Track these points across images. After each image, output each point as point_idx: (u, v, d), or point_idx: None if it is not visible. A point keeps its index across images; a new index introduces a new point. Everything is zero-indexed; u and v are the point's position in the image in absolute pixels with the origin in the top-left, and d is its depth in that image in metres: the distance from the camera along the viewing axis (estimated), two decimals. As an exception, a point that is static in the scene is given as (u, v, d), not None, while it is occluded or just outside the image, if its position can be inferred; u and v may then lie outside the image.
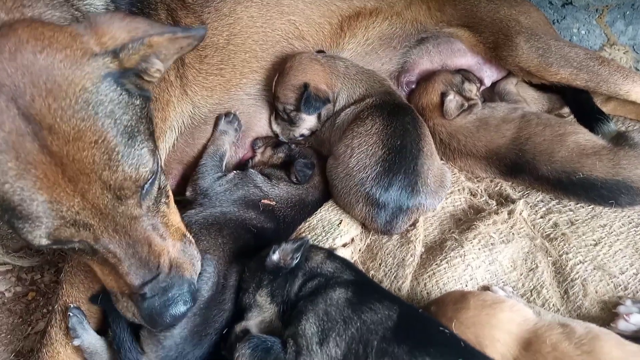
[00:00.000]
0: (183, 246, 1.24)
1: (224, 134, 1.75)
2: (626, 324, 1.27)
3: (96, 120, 0.99)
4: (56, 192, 0.99)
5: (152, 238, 1.14)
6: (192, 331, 1.30)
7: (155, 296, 1.15)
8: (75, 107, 0.97)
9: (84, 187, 1.00)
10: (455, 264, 1.50)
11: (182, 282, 1.19)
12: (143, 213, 1.11)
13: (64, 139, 0.96)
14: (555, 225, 1.62)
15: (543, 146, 1.68)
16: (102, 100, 1.00)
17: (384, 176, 1.56)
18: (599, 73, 1.86)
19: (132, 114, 1.06)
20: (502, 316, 1.17)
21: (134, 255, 1.12)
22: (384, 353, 1.05)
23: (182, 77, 1.75)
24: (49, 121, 0.95)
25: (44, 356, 1.40)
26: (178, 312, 1.17)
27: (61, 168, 0.98)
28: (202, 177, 1.63)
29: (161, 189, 1.19)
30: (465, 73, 2.01)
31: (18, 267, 1.90)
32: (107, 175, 1.01)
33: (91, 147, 0.98)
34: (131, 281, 1.13)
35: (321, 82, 1.81)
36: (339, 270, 1.28)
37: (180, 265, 1.21)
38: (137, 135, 1.06)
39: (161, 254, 1.16)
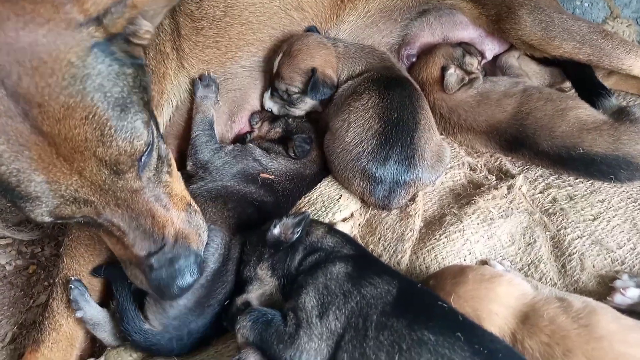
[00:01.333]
0: (188, 216, 1.24)
1: (205, 99, 1.70)
2: (622, 298, 1.28)
3: (85, 95, 0.96)
4: (52, 172, 0.98)
5: (154, 210, 1.13)
6: (197, 302, 1.32)
7: (162, 267, 1.15)
8: (62, 84, 0.94)
9: (80, 165, 0.99)
10: (454, 239, 1.51)
11: (189, 253, 1.19)
12: (144, 185, 1.11)
13: (54, 118, 0.94)
14: (554, 200, 1.62)
15: (544, 121, 1.67)
16: (90, 74, 0.97)
17: (380, 150, 1.56)
18: (602, 47, 1.84)
19: (124, 85, 1.03)
20: (500, 290, 1.18)
21: (138, 228, 1.11)
22: (383, 327, 1.07)
23: (179, 50, 1.72)
24: (38, 100, 0.93)
25: (46, 328, 1.42)
26: (185, 283, 1.18)
27: (55, 148, 0.96)
28: (199, 150, 1.62)
29: (161, 158, 1.18)
30: (467, 46, 1.98)
31: (18, 240, 1.90)
32: (102, 152, 0.99)
33: (82, 124, 0.96)
34: (137, 252, 1.13)
35: (328, 68, 1.79)
36: (339, 245, 1.28)
37: (187, 236, 1.20)
38: (130, 107, 1.03)
39: (165, 225, 1.15)
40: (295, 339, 1.11)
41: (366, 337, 1.07)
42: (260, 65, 1.87)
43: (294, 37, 1.83)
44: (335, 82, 1.81)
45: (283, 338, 1.12)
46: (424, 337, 1.03)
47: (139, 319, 1.31)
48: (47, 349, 1.40)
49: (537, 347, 1.08)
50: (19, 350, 1.60)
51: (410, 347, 1.02)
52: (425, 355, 1.01)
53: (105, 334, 1.40)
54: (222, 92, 1.81)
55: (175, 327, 1.30)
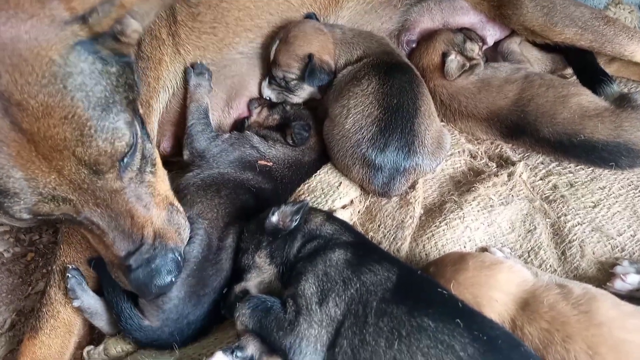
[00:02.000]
0: (169, 215, 1.23)
1: (198, 87, 1.68)
2: (622, 284, 1.28)
3: (65, 94, 0.94)
4: (31, 169, 0.96)
5: (134, 210, 1.12)
6: (189, 292, 1.31)
7: (140, 267, 1.14)
8: (42, 82, 0.92)
9: (58, 164, 0.98)
10: (454, 226, 1.50)
11: (166, 252, 1.18)
12: (124, 185, 1.09)
13: (33, 116, 0.92)
14: (554, 187, 1.62)
15: (545, 107, 1.65)
16: (71, 73, 0.95)
17: (379, 137, 1.54)
18: (604, 33, 1.82)
19: (107, 84, 1.01)
20: (500, 277, 1.17)
21: (117, 228, 1.11)
22: (383, 313, 1.06)
23: (175, 35, 1.69)
24: (17, 97, 0.91)
25: (44, 316, 1.41)
26: (163, 282, 1.18)
27: (34, 145, 0.95)
28: (195, 139, 1.60)
29: (146, 158, 1.16)
30: (468, 32, 1.95)
31: (16, 227, 1.90)
32: (81, 152, 0.97)
33: (62, 124, 0.94)
34: (117, 252, 1.13)
35: (325, 54, 1.77)
36: (338, 232, 1.28)
37: (164, 235, 1.19)
38: (112, 107, 1.01)
39: (144, 225, 1.15)
40: (295, 325, 1.11)
41: (366, 323, 1.06)
42: (258, 51, 1.85)
43: (290, 24, 1.81)
44: (333, 68, 1.80)
45: (283, 325, 1.12)
46: (423, 323, 1.03)
47: (137, 316, 1.30)
48: (45, 335, 1.40)
49: (536, 333, 1.08)
50: (18, 337, 1.60)
51: (409, 333, 1.02)
52: (425, 342, 1.00)
53: (103, 323, 1.40)
54: (220, 78, 1.79)
55: (174, 320, 1.30)
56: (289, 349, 1.10)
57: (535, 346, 1.06)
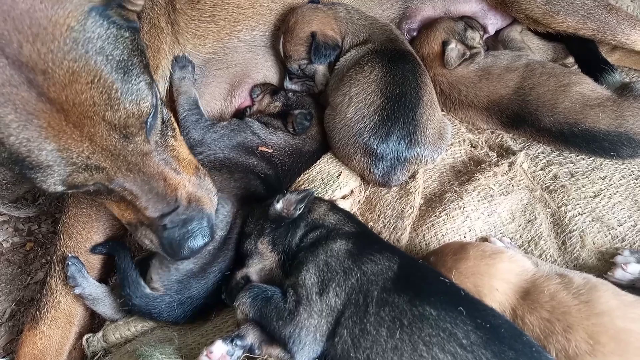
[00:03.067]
0: (199, 180, 1.24)
1: (182, 80, 1.66)
2: (623, 273, 1.28)
3: (88, 59, 0.94)
4: (63, 139, 0.96)
5: (166, 172, 1.13)
6: (200, 266, 1.32)
7: (176, 227, 1.15)
8: (65, 49, 0.92)
9: (90, 131, 0.98)
10: (454, 216, 1.50)
11: (202, 216, 1.19)
12: (152, 148, 1.10)
13: (60, 84, 0.92)
14: (555, 177, 1.61)
15: (546, 97, 1.65)
16: (91, 38, 0.95)
17: (382, 126, 1.53)
18: (606, 22, 1.81)
19: (123, 48, 1.01)
20: (501, 266, 1.17)
21: (151, 191, 1.11)
22: (384, 303, 1.06)
23: (174, 24, 1.67)
24: (42, 67, 0.91)
25: (44, 306, 1.42)
26: (196, 245, 1.18)
27: (63, 114, 0.95)
28: (191, 129, 1.59)
29: (165, 122, 1.17)
30: (469, 20, 1.94)
31: (15, 217, 1.89)
32: (110, 115, 0.98)
33: (89, 89, 0.95)
34: (150, 214, 1.14)
35: (328, 29, 1.77)
36: (340, 222, 1.27)
37: (199, 199, 1.20)
38: (132, 69, 1.02)
39: (177, 187, 1.16)
40: (295, 315, 1.11)
41: (367, 313, 1.06)
42: (260, 39, 1.84)
43: (288, 14, 1.81)
44: (339, 41, 1.79)
45: (283, 314, 1.12)
46: (425, 312, 1.03)
47: (140, 284, 1.31)
48: (45, 326, 1.41)
49: (537, 322, 1.08)
50: (18, 327, 1.61)
51: (411, 322, 1.02)
52: (427, 330, 1.00)
53: (106, 308, 1.40)
54: (222, 67, 1.77)
55: (177, 290, 1.31)
56: (289, 338, 1.10)
57: (536, 336, 1.07)
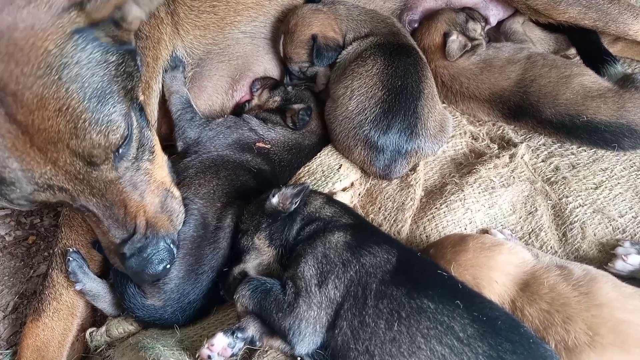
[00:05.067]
0: (162, 202, 1.24)
1: (174, 79, 1.65)
2: (623, 264, 1.28)
3: (60, 86, 0.93)
4: (26, 161, 0.96)
5: (128, 200, 1.13)
6: (188, 270, 1.32)
7: (133, 256, 1.16)
8: (37, 73, 0.91)
9: (53, 156, 0.97)
10: (455, 208, 1.50)
11: (157, 241, 1.19)
12: (120, 175, 1.10)
13: (28, 108, 0.91)
14: (556, 169, 1.61)
15: (548, 88, 1.64)
16: (67, 63, 0.93)
17: (383, 118, 1.53)
18: (608, 12, 1.79)
19: (104, 74, 0.99)
20: (500, 258, 1.17)
21: (111, 217, 1.12)
22: (383, 295, 1.07)
23: (173, 14, 1.66)
24: (12, 88, 0.90)
25: (47, 298, 1.42)
26: (155, 270, 1.19)
27: (28, 137, 0.94)
28: (186, 128, 1.58)
29: (144, 146, 1.16)
30: (470, 11, 1.93)
31: (17, 211, 1.90)
32: (75, 144, 0.97)
33: (56, 116, 0.93)
34: (112, 239, 1.15)
35: (329, 30, 1.76)
36: (337, 215, 1.27)
37: (155, 224, 1.20)
38: (108, 98, 1.00)
39: (137, 215, 1.16)
40: (295, 307, 1.12)
41: (365, 305, 1.07)
42: (261, 30, 1.83)
43: (289, 14, 1.80)
44: (340, 41, 1.78)
45: (282, 307, 1.13)
46: (423, 305, 1.03)
47: (140, 295, 1.31)
48: (48, 318, 1.41)
49: (537, 314, 1.08)
50: (21, 319, 1.62)
51: (409, 315, 1.03)
52: (425, 323, 1.01)
53: (106, 304, 1.40)
54: (224, 60, 1.77)
55: (175, 299, 1.31)
56: (289, 330, 1.11)
57: (536, 327, 1.07)
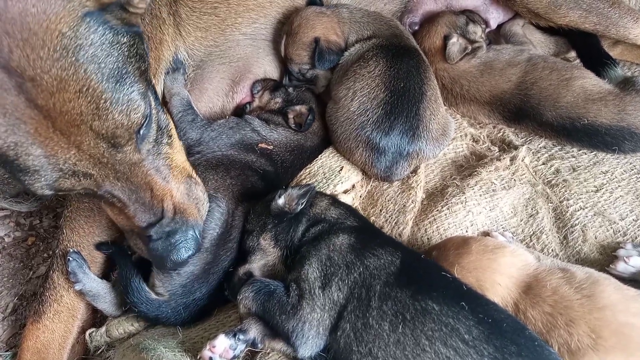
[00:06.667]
0: (188, 189, 1.23)
1: (175, 81, 1.65)
2: (625, 266, 1.29)
3: (78, 67, 0.93)
4: (50, 145, 0.96)
5: (153, 182, 1.13)
6: (203, 268, 1.32)
7: (159, 240, 1.15)
8: (54, 56, 0.91)
9: (77, 139, 0.97)
10: (456, 210, 1.50)
11: (186, 228, 1.19)
12: (142, 157, 1.09)
13: (48, 91, 0.92)
14: (557, 172, 1.61)
15: (549, 91, 1.64)
16: (82, 45, 0.93)
17: (385, 119, 1.53)
18: (609, 16, 1.80)
19: (118, 55, 0.99)
20: (503, 261, 1.17)
21: (138, 200, 1.11)
22: (387, 297, 1.07)
23: (175, 15, 1.66)
24: (30, 73, 0.90)
25: (47, 300, 1.42)
26: (179, 257, 1.18)
27: (51, 121, 0.94)
28: (188, 129, 1.57)
29: (161, 129, 1.16)
30: (470, 14, 1.93)
31: (16, 212, 1.89)
32: (98, 125, 0.97)
33: (77, 97, 0.93)
34: (137, 223, 1.14)
35: (331, 34, 1.76)
36: (342, 217, 1.28)
37: (185, 210, 1.20)
38: (126, 78, 1.00)
39: (164, 198, 1.15)
40: (298, 309, 1.11)
41: (369, 307, 1.07)
42: (262, 32, 1.83)
43: (292, 15, 1.80)
44: (342, 45, 1.78)
45: (286, 309, 1.13)
46: (427, 306, 1.03)
47: (144, 290, 1.31)
48: (48, 320, 1.41)
49: (539, 317, 1.09)
50: (20, 321, 1.61)
51: (414, 316, 1.03)
52: (429, 325, 1.01)
53: (106, 305, 1.40)
54: (225, 61, 1.77)
55: (181, 294, 1.31)
56: (292, 332, 1.11)
57: (539, 330, 1.07)
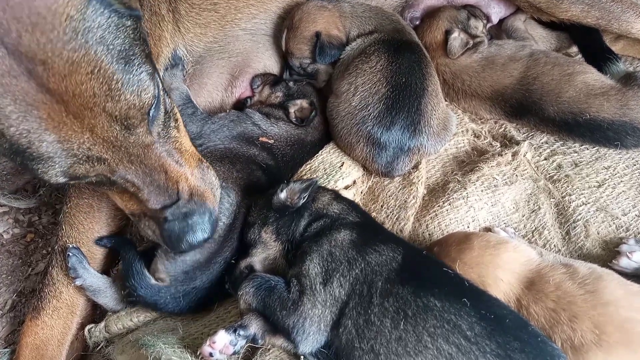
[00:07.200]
0: (201, 173, 1.22)
1: (173, 76, 1.64)
2: (628, 262, 1.28)
3: (88, 49, 0.93)
4: (63, 130, 0.95)
5: (167, 165, 1.12)
6: (208, 257, 1.32)
7: (176, 220, 1.14)
8: (64, 39, 0.90)
9: (90, 122, 0.96)
10: (458, 206, 1.49)
11: (204, 211, 1.18)
12: (155, 140, 1.09)
13: (59, 75, 0.91)
14: (559, 167, 1.60)
15: (551, 86, 1.63)
16: (91, 27, 0.93)
17: (386, 114, 1.53)
18: (611, 10, 1.79)
19: (125, 37, 0.99)
20: (505, 256, 1.17)
21: (152, 183, 1.10)
22: (388, 293, 1.06)
23: (175, 11, 1.65)
24: (41, 57, 0.89)
25: (46, 296, 1.41)
26: (196, 239, 1.17)
27: (63, 105, 0.93)
28: (189, 122, 1.55)
29: (168, 112, 1.16)
30: (472, 9, 1.92)
31: (15, 208, 1.88)
32: (111, 107, 0.97)
33: (89, 79, 0.93)
34: (152, 206, 1.13)
35: (333, 28, 1.75)
36: (344, 212, 1.27)
37: (202, 194, 1.19)
38: (134, 59, 1.00)
39: (179, 180, 1.14)
40: (299, 305, 1.11)
41: (371, 303, 1.06)
42: (261, 27, 1.82)
43: (293, 9, 1.79)
44: (344, 40, 1.77)
45: (286, 304, 1.12)
46: (429, 303, 1.02)
47: (145, 275, 1.31)
48: (47, 316, 1.40)
49: (542, 312, 1.08)
50: (19, 318, 1.60)
51: (415, 313, 1.02)
52: (431, 322, 1.00)
53: (107, 299, 1.39)
54: (224, 56, 1.76)
55: (182, 281, 1.30)
56: (292, 328, 1.10)
57: (541, 326, 1.06)
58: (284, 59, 1.85)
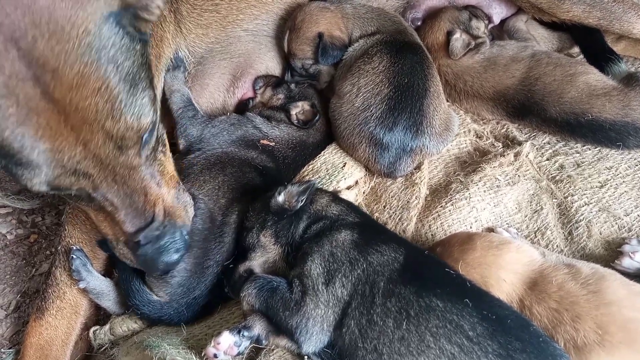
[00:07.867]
0: (177, 193, 1.24)
1: (174, 79, 1.64)
2: (631, 262, 1.28)
3: (99, 66, 0.94)
4: (58, 141, 0.96)
5: (148, 187, 1.13)
6: (195, 263, 1.32)
7: (149, 244, 1.15)
8: (79, 51, 0.91)
9: (86, 137, 0.97)
10: (460, 206, 1.49)
11: (175, 230, 1.19)
12: (142, 163, 1.10)
13: (67, 85, 0.92)
14: (561, 167, 1.60)
15: (553, 87, 1.63)
16: (105, 45, 0.95)
17: (388, 115, 1.53)
18: (613, 11, 1.78)
19: (134, 60, 1.01)
20: (508, 257, 1.17)
21: (131, 205, 1.11)
22: (390, 294, 1.06)
23: (176, 12, 1.66)
24: (53, 65, 0.90)
25: (50, 296, 1.42)
26: (170, 259, 1.19)
27: (64, 116, 0.94)
28: (189, 125, 1.57)
29: (158, 137, 1.17)
30: (473, 10, 1.92)
31: (18, 209, 1.89)
32: (110, 125, 0.97)
33: (94, 95, 0.94)
34: (126, 229, 1.14)
35: (335, 29, 1.76)
36: (344, 213, 1.27)
37: (173, 213, 1.20)
38: (139, 83, 1.01)
39: (156, 203, 1.16)
40: (302, 305, 1.11)
41: (373, 304, 1.06)
42: (263, 28, 1.82)
43: (295, 10, 1.80)
44: (346, 41, 1.78)
45: (289, 305, 1.12)
46: (432, 303, 1.02)
47: (145, 292, 1.31)
48: (51, 317, 1.41)
49: (545, 313, 1.08)
50: (23, 318, 1.61)
51: (418, 313, 1.02)
52: (434, 322, 1.00)
53: (110, 303, 1.40)
54: (225, 57, 1.76)
55: (181, 294, 1.31)
56: (295, 328, 1.10)
57: (544, 326, 1.06)
58: (286, 60, 1.85)
